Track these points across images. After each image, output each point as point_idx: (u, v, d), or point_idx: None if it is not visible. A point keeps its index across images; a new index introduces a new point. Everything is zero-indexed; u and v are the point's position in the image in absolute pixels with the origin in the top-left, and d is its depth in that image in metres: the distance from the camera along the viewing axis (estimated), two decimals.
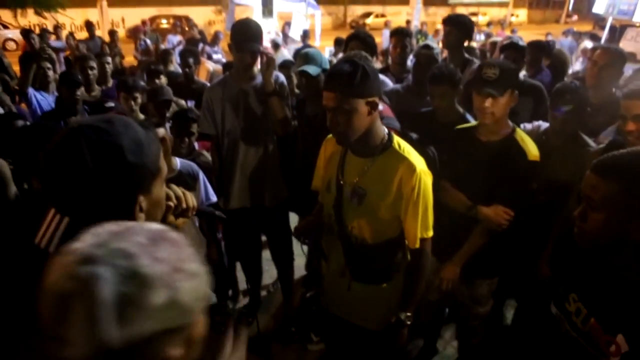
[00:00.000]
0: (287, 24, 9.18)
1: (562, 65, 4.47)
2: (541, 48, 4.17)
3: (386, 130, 1.79)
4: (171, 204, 1.09)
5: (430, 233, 1.80)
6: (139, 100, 3.56)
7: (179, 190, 1.14)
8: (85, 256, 0.62)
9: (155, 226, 0.71)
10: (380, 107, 2.22)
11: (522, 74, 3.71)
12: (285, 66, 4.45)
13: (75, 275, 0.61)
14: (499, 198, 2.09)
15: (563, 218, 2.24)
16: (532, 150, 2.12)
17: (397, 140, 1.80)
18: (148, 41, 8.60)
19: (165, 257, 0.66)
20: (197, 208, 1.18)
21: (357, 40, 3.20)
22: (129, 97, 3.55)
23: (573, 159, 2.27)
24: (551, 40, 8.86)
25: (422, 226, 1.76)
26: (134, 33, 9.27)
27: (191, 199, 1.16)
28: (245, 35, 2.62)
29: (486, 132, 2.18)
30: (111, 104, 3.59)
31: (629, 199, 1.12)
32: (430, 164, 1.85)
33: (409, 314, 1.85)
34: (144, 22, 13.02)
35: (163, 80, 4.30)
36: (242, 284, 3.47)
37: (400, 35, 3.67)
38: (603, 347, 1.20)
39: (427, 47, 3.14)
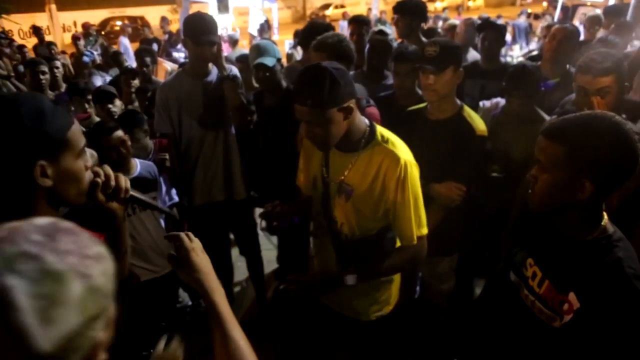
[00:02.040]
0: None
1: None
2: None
3: (367, 122, 1.74)
4: (98, 180, 1.16)
5: (425, 230, 1.74)
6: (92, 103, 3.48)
7: (109, 170, 1.20)
8: None
9: (44, 220, 0.68)
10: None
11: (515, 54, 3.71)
12: (243, 60, 4.40)
13: None
14: (450, 174, 2.12)
15: (521, 191, 2.29)
16: (480, 125, 2.17)
17: (381, 131, 1.74)
18: (94, 53, 7.19)
19: (68, 248, 0.64)
20: (131, 194, 1.22)
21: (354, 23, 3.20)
22: (82, 100, 3.46)
23: (530, 135, 2.33)
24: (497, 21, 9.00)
25: (415, 221, 1.70)
26: (73, 41, 7.59)
27: (123, 181, 1.21)
28: (201, 28, 2.57)
29: (435, 111, 2.22)
30: None
31: (573, 160, 1.16)
32: None
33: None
34: (84, 26, 11.37)
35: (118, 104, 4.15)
36: None
37: (357, 23, 3.65)
38: (557, 307, 1.25)
39: (382, 32, 3.16)
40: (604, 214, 1.25)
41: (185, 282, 1.13)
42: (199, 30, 2.56)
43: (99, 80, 5.21)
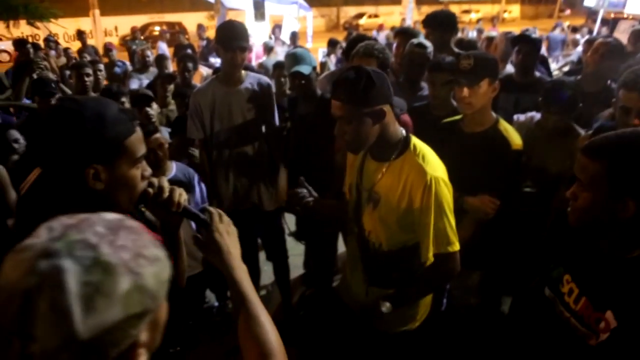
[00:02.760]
0: (278, 26, 9.17)
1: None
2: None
3: (404, 132, 1.74)
4: (150, 190, 1.16)
5: (453, 248, 1.69)
6: (126, 105, 3.60)
7: (165, 182, 1.19)
8: (44, 251, 0.62)
9: (113, 216, 0.72)
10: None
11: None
12: (279, 66, 4.48)
13: (36, 270, 0.60)
14: (485, 188, 2.11)
15: (557, 205, 2.25)
16: (516, 139, 2.15)
17: (415, 142, 1.73)
18: (126, 63, 6.24)
19: (125, 244, 0.67)
20: (185, 207, 1.20)
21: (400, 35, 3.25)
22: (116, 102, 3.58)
23: (564, 149, 2.30)
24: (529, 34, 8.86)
25: (435, 239, 1.66)
26: (106, 52, 7.34)
27: (178, 195, 1.19)
28: (231, 33, 2.64)
29: (470, 123, 2.21)
30: None
31: (614, 179, 1.14)
32: None
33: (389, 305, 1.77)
34: (133, 30, 11.95)
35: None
36: None
37: (405, 35, 3.66)
38: (593, 324, 1.22)
39: (421, 45, 3.14)
40: None
41: (210, 262, 1.15)
42: (229, 36, 2.63)
43: (135, 84, 5.37)
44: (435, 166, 1.68)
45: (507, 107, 3.12)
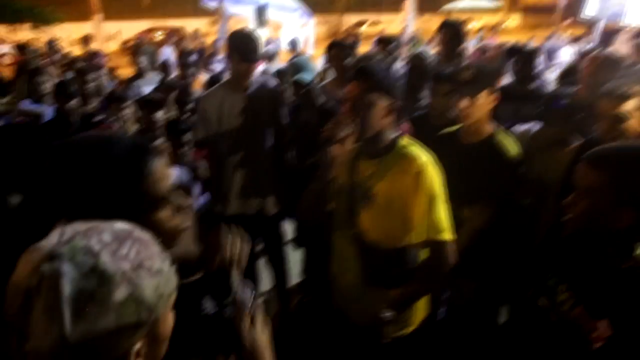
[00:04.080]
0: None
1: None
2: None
3: (396, 133, 1.81)
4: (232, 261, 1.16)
5: (447, 236, 1.72)
6: (130, 109, 3.63)
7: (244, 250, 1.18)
8: (49, 253, 0.65)
9: (124, 226, 0.73)
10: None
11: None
12: (280, 74, 4.51)
13: (39, 271, 0.63)
14: (481, 198, 2.12)
15: (545, 215, 2.28)
16: (513, 150, 2.16)
17: (406, 139, 1.81)
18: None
19: (128, 254, 0.68)
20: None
21: (335, 47, 3.26)
22: (119, 107, 3.61)
23: (559, 159, 2.32)
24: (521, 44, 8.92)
25: (429, 227, 1.70)
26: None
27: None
28: (249, 46, 2.69)
29: (468, 133, 2.23)
30: (99, 118, 3.62)
31: (614, 189, 1.17)
32: None
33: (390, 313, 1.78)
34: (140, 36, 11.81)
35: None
36: None
37: (384, 43, 3.88)
38: (589, 333, 1.23)
39: (421, 55, 3.21)
40: None
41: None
42: (248, 49, 2.67)
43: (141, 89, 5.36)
44: (422, 153, 1.75)
45: (506, 117, 3.15)
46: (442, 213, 1.73)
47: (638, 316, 1.14)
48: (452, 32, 3.55)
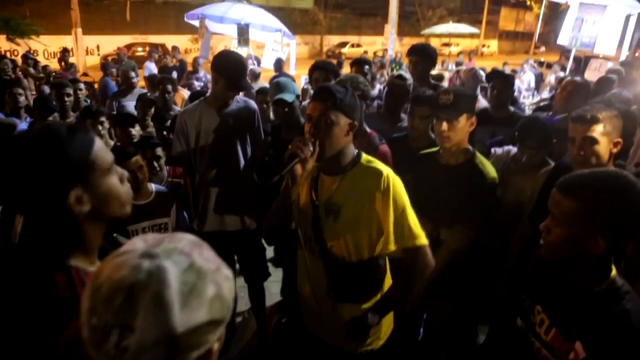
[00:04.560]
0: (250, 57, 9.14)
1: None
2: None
3: (356, 151, 1.85)
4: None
5: (420, 241, 1.75)
6: (106, 125, 3.59)
7: None
8: (146, 253, 0.70)
9: (194, 237, 0.79)
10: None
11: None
12: (262, 93, 4.53)
13: (142, 268, 0.68)
14: (460, 219, 2.15)
15: (517, 236, 2.33)
16: (491, 172, 2.21)
17: (366, 157, 1.85)
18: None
19: (209, 257, 0.76)
20: None
21: (319, 70, 3.27)
22: (95, 122, 3.58)
23: (535, 181, 2.37)
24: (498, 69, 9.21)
25: (402, 235, 1.73)
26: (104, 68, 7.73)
27: None
28: (239, 72, 2.69)
29: (447, 156, 2.27)
30: None
31: (586, 216, 1.19)
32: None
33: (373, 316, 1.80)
34: (119, 52, 11.87)
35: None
36: None
37: (360, 64, 3.92)
38: (563, 355, 1.26)
39: (401, 77, 3.23)
40: (613, 266, 1.27)
41: None
42: (237, 76, 2.67)
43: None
44: (384, 168, 1.80)
45: (484, 140, 3.22)
46: (413, 220, 1.77)
47: (610, 339, 1.16)
48: (420, 56, 3.63)
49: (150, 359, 0.67)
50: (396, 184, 1.75)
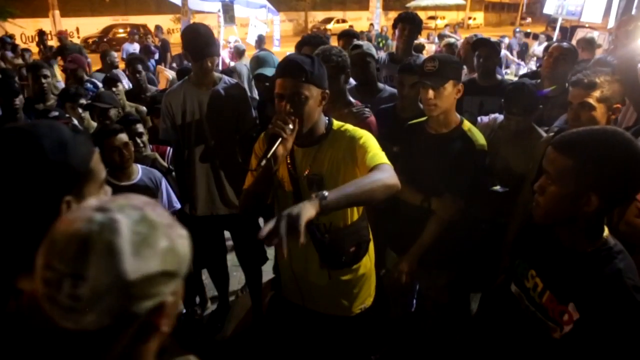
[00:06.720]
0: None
1: None
2: None
3: (326, 119, 1.84)
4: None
5: (385, 160, 1.69)
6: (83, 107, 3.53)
7: None
8: (99, 207, 0.73)
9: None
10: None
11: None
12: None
13: (94, 219, 0.70)
14: (450, 188, 2.15)
15: (520, 205, 2.32)
16: (480, 139, 2.19)
17: (337, 122, 1.85)
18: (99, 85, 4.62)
19: (163, 214, 0.78)
20: None
21: (307, 45, 3.19)
22: (74, 105, 3.50)
23: (527, 150, 2.36)
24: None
25: (371, 158, 1.66)
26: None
27: None
28: (198, 42, 2.59)
29: (435, 125, 2.25)
30: (55, 113, 3.47)
31: (581, 174, 1.18)
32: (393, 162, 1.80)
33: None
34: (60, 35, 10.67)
35: (121, 87, 4.22)
36: (211, 290, 3.43)
37: (347, 37, 3.87)
38: (557, 317, 1.26)
39: (356, 46, 3.11)
40: (605, 226, 1.27)
41: None
42: (196, 45, 2.58)
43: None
44: (350, 126, 1.83)
45: (472, 110, 3.20)
46: (376, 148, 1.73)
47: (603, 299, 1.17)
48: (410, 22, 3.66)
49: (103, 308, 0.68)
50: (358, 132, 1.78)
